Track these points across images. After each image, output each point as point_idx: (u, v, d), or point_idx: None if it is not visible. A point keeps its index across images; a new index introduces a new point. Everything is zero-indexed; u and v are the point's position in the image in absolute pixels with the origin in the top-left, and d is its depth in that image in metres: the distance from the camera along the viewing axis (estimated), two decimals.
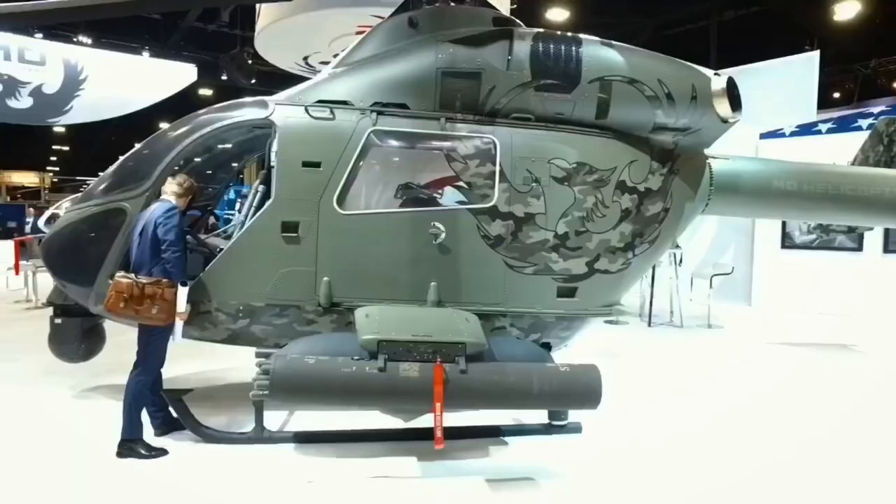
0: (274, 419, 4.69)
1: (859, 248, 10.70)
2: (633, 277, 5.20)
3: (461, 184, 4.74)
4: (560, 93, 4.73)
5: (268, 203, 4.60)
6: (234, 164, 6.63)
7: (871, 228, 8.96)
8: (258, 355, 4.22)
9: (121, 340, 5.04)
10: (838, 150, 8.75)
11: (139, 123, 20.23)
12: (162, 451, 4.21)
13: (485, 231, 4.63)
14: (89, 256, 4.60)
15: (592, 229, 4.79)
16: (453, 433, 4.45)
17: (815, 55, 11.78)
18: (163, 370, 4.45)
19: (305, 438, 4.47)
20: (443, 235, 4.57)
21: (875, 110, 11.26)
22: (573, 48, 4.78)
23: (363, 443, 4.46)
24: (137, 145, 5.10)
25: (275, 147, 4.66)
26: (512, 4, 12.94)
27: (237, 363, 5.70)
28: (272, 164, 4.68)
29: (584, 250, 4.78)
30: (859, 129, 9.78)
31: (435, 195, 5.04)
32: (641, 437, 4.75)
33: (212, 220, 7.06)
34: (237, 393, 4.93)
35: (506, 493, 3.83)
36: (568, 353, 5.22)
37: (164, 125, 5.89)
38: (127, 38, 19.55)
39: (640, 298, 10.27)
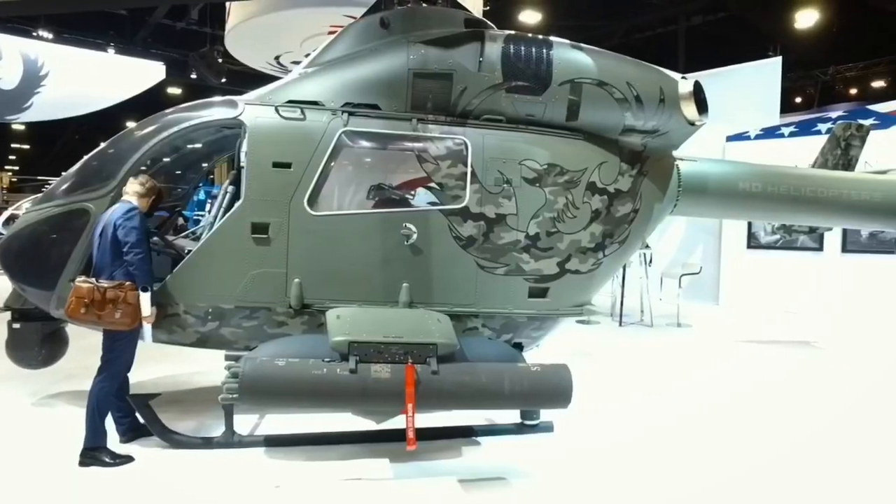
0: (244, 423, 4.62)
1: (820, 248, 11.06)
2: (604, 277, 5.27)
3: (433, 185, 4.74)
4: (531, 94, 4.77)
5: (238, 204, 4.53)
6: (204, 165, 6.52)
7: (830, 229, 9.27)
8: (227, 358, 4.15)
9: (83, 345, 4.92)
10: (800, 153, 9.04)
11: (104, 122, 19.76)
12: (127, 459, 4.10)
13: (456, 232, 4.64)
14: (50, 259, 4.47)
15: (563, 230, 4.84)
16: (426, 434, 4.45)
17: (778, 61, 12.14)
18: (129, 374, 4.35)
19: (276, 442, 4.42)
20: (414, 236, 4.56)
21: (833, 115, 11.67)
22: (544, 50, 4.82)
23: (335, 445, 4.42)
24: (102, 144, 4.98)
25: (244, 147, 4.59)
26: (485, 6, 13.01)
27: (206, 367, 5.61)
28: (242, 164, 4.62)
29: (555, 251, 4.83)
30: (819, 133, 10.10)
31: (407, 196, 5.03)
32: (613, 435, 4.81)
33: (181, 221, 6.94)
34: (206, 397, 4.85)
35: (478, 494, 3.84)
36: (540, 353, 5.26)
37: (130, 124, 5.76)
38: (90, 33, 19.04)
39: (612, 298, 10.41)
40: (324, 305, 4.48)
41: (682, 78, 5.19)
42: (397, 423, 4.31)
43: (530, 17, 15.46)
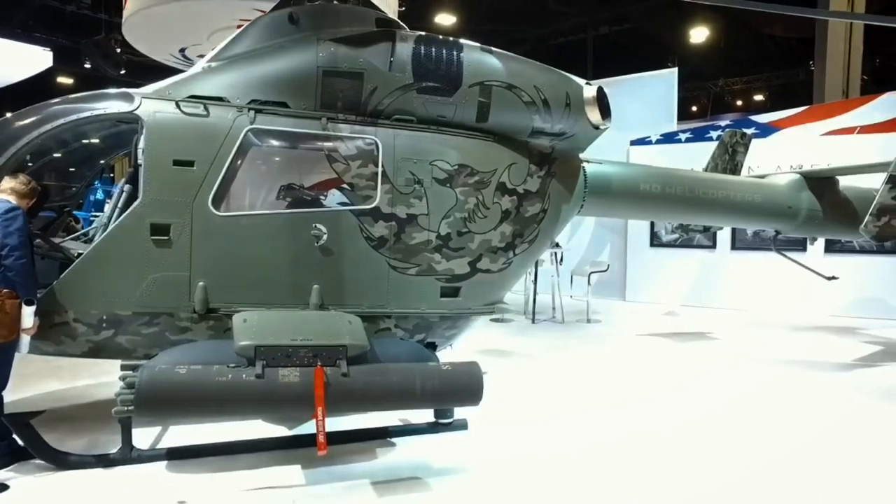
0: (145, 436, 4.36)
1: (713, 247, 11.91)
2: (515, 276, 5.41)
3: (343, 185, 4.68)
4: (441, 96, 4.82)
5: (135, 204, 4.26)
6: (101, 161, 6.08)
7: (721, 228, 10.01)
8: (123, 368, 3.88)
9: None
10: (695, 157, 9.70)
11: None
12: (1, 488, 3.69)
13: (367, 232, 4.61)
14: None
15: (474, 230, 4.92)
16: (339, 437, 4.40)
17: (674, 72, 12.98)
18: (4, 393, 3.94)
19: (180, 454, 4.19)
20: (325, 237, 4.49)
21: (722, 123, 12.62)
22: (454, 52, 4.88)
23: (243, 454, 4.25)
24: None
25: (142, 144, 4.33)
26: (400, 7, 13.01)
27: (103, 379, 5.24)
28: (139, 162, 4.35)
29: (466, 250, 4.91)
30: (711, 139, 10.89)
31: (317, 196, 4.94)
32: (526, 431, 4.94)
33: (72, 222, 6.42)
34: (102, 412, 4.52)
35: (392, 495, 3.82)
36: (455, 352, 5.33)
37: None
38: None
39: (525, 296, 10.71)
40: (231, 309, 4.31)
41: (587, 83, 5.43)
42: (309, 428, 4.22)
43: (445, 19, 15.63)
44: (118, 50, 15.96)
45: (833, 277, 8.64)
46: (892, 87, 11.23)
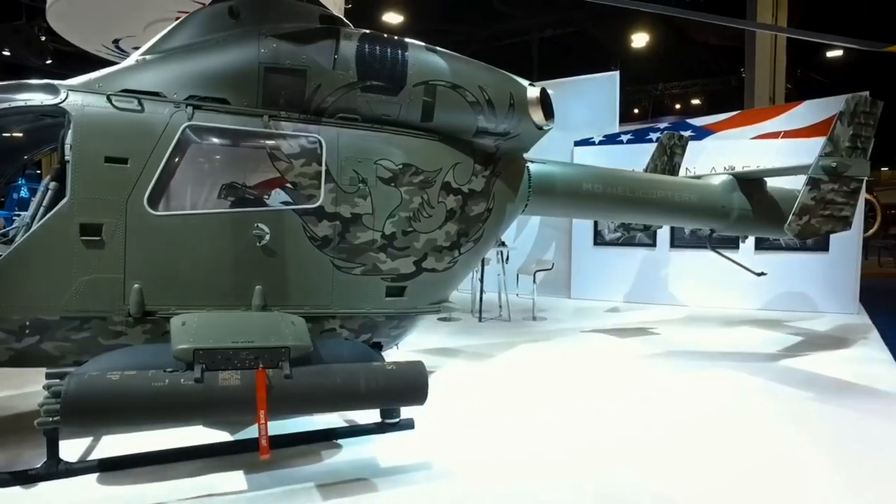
0: (74, 448, 4.15)
1: (654, 245, 12.35)
2: (460, 275, 5.45)
3: (286, 184, 4.60)
4: (386, 94, 4.79)
5: (62, 202, 4.04)
6: (24, 157, 5.73)
7: (661, 227, 10.39)
8: (49, 376, 3.66)
9: None
10: (636, 158, 10.03)
11: None
12: None
13: (311, 232, 4.55)
14: None
15: (419, 229, 4.93)
16: (283, 441, 4.33)
17: (616, 75, 13.37)
18: None
19: (114, 465, 3.98)
20: (267, 237, 4.40)
21: (662, 126, 13.10)
22: (399, 51, 4.87)
23: (183, 462, 4.11)
24: None
25: (69, 139, 4.11)
26: (347, 4, 12.86)
27: (27, 388, 4.96)
28: (67, 158, 4.13)
29: (411, 250, 4.91)
30: (651, 140, 11.27)
31: (260, 196, 4.84)
32: (472, 429, 4.98)
33: None
34: (24, 424, 4.27)
35: (337, 497, 3.78)
36: (401, 352, 5.33)
37: None
38: None
39: (471, 295, 10.80)
40: (169, 312, 4.16)
41: (531, 84, 5.52)
42: (252, 432, 4.12)
43: (392, 18, 15.58)
44: (43, 38, 14.97)
45: (762, 273, 9.12)
46: (813, 95, 11.98)
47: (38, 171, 17.01)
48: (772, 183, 8.08)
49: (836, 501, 3.80)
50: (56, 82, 4.26)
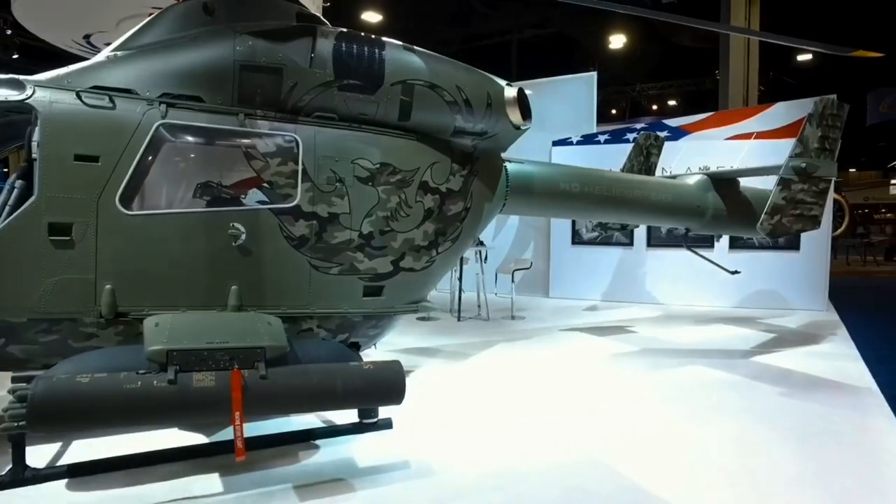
0: (41, 454, 4.05)
1: (631, 244, 12.49)
2: (438, 274, 5.45)
3: (262, 183, 4.55)
4: (363, 93, 4.78)
5: (30, 201, 3.96)
6: None
7: (637, 226, 10.52)
8: (14, 380, 3.57)
9: None
10: (614, 158, 10.14)
11: None
12: None
13: (288, 232, 4.51)
14: None
15: (397, 228, 4.93)
16: (260, 442, 4.28)
17: (594, 75, 13.49)
18: None
19: (84, 470, 3.87)
20: (243, 237, 4.35)
21: (638, 126, 13.25)
22: (376, 50, 4.86)
23: (157, 466, 4.04)
24: None
25: (36, 136, 4.02)
26: (325, 2, 12.77)
27: None
28: (34, 156, 4.04)
29: (389, 249, 4.90)
30: (628, 141, 11.38)
31: (236, 195, 4.78)
32: (451, 429, 4.98)
33: None
34: None
35: (314, 498, 3.76)
36: (379, 351, 5.31)
37: None
38: None
39: (450, 294, 10.81)
40: (142, 313, 4.10)
41: (508, 84, 5.54)
42: (227, 434, 4.08)
43: (371, 17, 15.52)
44: (8, 31, 14.61)
45: (736, 272, 9.29)
46: (785, 97, 12.24)
47: (6, 170, 16.58)
48: (745, 183, 8.24)
49: (804, 492, 3.89)
50: (22, 77, 4.16)
